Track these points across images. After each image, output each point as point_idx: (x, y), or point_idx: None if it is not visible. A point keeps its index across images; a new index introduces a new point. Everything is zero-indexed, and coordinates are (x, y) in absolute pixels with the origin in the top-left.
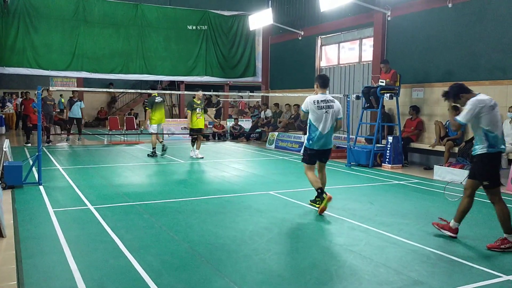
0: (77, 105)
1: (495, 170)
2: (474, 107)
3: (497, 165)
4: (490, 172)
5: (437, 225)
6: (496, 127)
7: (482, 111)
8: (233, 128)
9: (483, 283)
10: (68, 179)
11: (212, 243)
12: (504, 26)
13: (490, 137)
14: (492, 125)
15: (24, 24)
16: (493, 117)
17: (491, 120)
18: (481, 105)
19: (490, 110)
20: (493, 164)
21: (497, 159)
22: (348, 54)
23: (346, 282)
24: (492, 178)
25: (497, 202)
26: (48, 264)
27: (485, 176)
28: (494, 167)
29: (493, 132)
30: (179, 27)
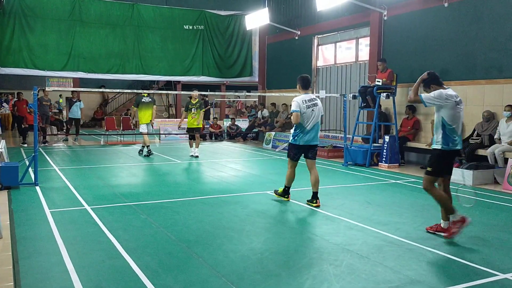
0: (77, 106)
1: (443, 164)
2: (440, 97)
3: (448, 161)
4: (437, 164)
5: (431, 229)
6: (456, 124)
7: (445, 104)
8: (230, 128)
9: (480, 281)
10: (65, 179)
11: (209, 243)
12: (500, 25)
13: (448, 131)
14: (452, 120)
15: (19, 24)
16: (456, 113)
17: (453, 115)
18: (446, 98)
19: (454, 106)
20: (443, 159)
21: (449, 156)
22: (345, 54)
23: (344, 281)
24: (436, 168)
25: (431, 191)
26: (45, 265)
27: (432, 164)
28: (443, 162)
29: (451, 126)
30: (176, 27)
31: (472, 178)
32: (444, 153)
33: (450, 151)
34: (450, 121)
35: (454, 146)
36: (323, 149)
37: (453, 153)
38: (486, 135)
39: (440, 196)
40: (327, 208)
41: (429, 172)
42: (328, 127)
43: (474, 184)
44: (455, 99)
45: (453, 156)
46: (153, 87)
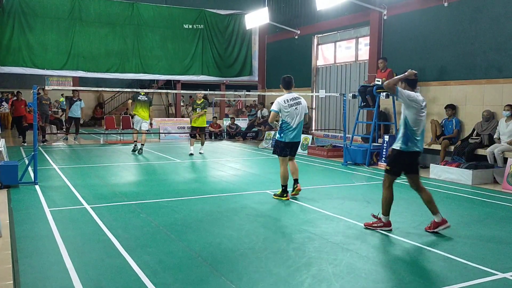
0: (77, 105)
1: (401, 164)
2: (413, 99)
3: (406, 161)
4: (394, 164)
5: (370, 225)
6: (418, 127)
7: (413, 107)
8: (230, 127)
9: (478, 281)
10: (64, 178)
11: (208, 242)
12: (500, 25)
13: (409, 132)
14: (415, 123)
15: (19, 23)
16: (419, 117)
17: (415, 119)
18: (416, 102)
19: (419, 110)
20: (401, 160)
21: (408, 157)
22: (344, 53)
23: (343, 280)
24: (395, 167)
25: (386, 188)
26: (44, 264)
27: (390, 163)
28: (401, 162)
29: (413, 128)
30: (175, 26)
31: (472, 177)
32: (402, 154)
33: (408, 152)
34: (412, 123)
35: (413, 147)
36: (323, 148)
37: (411, 154)
38: (486, 134)
39: (388, 197)
40: (327, 207)
41: (387, 170)
42: (328, 126)
43: (473, 183)
44: (422, 103)
45: (412, 157)
46: (153, 86)
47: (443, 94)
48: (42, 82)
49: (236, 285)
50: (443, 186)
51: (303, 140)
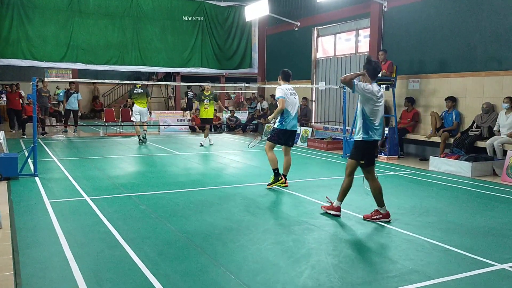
0: (74, 97)
1: (370, 153)
2: (369, 91)
3: (372, 150)
4: (365, 155)
5: (324, 207)
6: (375, 117)
7: (369, 98)
8: (229, 120)
9: (477, 271)
10: (64, 170)
11: (208, 233)
12: (500, 17)
13: (368, 121)
14: (371, 113)
15: (18, 15)
16: (375, 108)
17: (372, 109)
18: (372, 93)
19: (375, 101)
20: (367, 149)
21: (371, 146)
22: (344, 45)
23: (342, 271)
24: (367, 159)
25: (371, 179)
26: (45, 255)
27: (361, 157)
28: (368, 151)
29: (371, 118)
30: (175, 18)
31: (471, 169)
32: (364, 143)
33: (369, 141)
34: (370, 114)
35: (374, 136)
36: (322, 141)
37: (372, 142)
38: (486, 127)
39: (347, 186)
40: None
41: (362, 164)
42: (328, 119)
43: (472, 175)
44: (377, 94)
45: (373, 146)
46: (153, 78)
47: (443, 87)
48: (41, 74)
49: (236, 276)
50: (442, 178)
51: (303, 133)
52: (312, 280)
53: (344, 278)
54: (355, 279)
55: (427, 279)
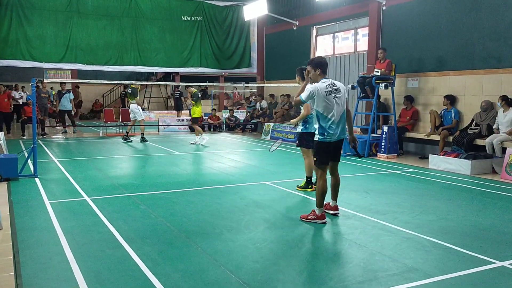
0: (66, 97)
1: (324, 154)
2: (312, 94)
3: (328, 150)
4: (318, 155)
5: (305, 218)
6: (329, 113)
7: (316, 97)
8: (229, 119)
9: (477, 269)
10: (64, 171)
11: (208, 233)
12: (499, 14)
13: (321, 121)
14: (324, 110)
15: (17, 16)
16: (327, 103)
17: (324, 106)
18: (317, 93)
19: (325, 95)
20: (322, 150)
21: (328, 146)
22: (343, 44)
23: (342, 269)
24: (319, 158)
25: (319, 178)
26: (45, 255)
27: (314, 155)
28: (322, 152)
29: (324, 114)
30: (174, 18)
31: (470, 167)
32: (321, 144)
33: (325, 143)
34: (324, 111)
35: (330, 138)
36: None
37: (329, 144)
38: (485, 125)
39: (322, 188)
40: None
41: (315, 162)
42: None
43: (472, 173)
44: (326, 89)
45: (327, 146)
46: (152, 78)
47: (442, 85)
48: (40, 75)
49: (236, 275)
50: (442, 176)
51: None
52: (313, 279)
53: (345, 277)
54: (355, 277)
55: (427, 277)
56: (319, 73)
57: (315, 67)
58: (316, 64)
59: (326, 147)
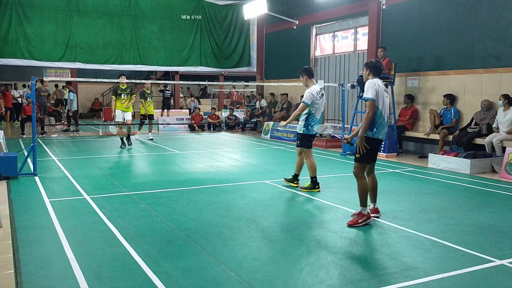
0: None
1: (309, 141)
2: (309, 98)
3: (312, 141)
4: (305, 140)
5: (355, 223)
6: (317, 110)
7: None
8: (228, 118)
9: (476, 267)
10: (64, 169)
11: (208, 231)
12: (499, 14)
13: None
14: (313, 107)
15: (16, 14)
16: (318, 105)
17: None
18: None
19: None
20: (309, 140)
21: (312, 138)
22: (343, 43)
23: (341, 268)
24: (307, 142)
25: (360, 177)
26: (45, 253)
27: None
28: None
29: (314, 113)
30: (173, 17)
31: (470, 166)
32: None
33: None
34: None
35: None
36: (321, 138)
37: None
38: (484, 124)
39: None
40: (325, 196)
41: (358, 159)
42: (327, 117)
43: (471, 172)
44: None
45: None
46: (151, 77)
47: (442, 84)
48: (40, 73)
49: (236, 273)
50: (441, 175)
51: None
52: (312, 276)
53: (344, 275)
54: (354, 275)
55: (426, 275)
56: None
57: (307, 75)
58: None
59: (375, 144)
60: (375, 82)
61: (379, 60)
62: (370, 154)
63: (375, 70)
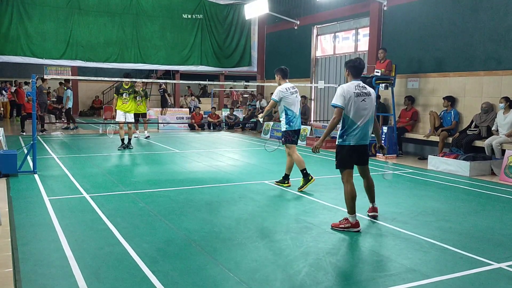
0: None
1: (295, 137)
2: (280, 95)
3: (296, 136)
4: (289, 137)
5: (337, 226)
6: (293, 106)
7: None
8: (228, 118)
9: (475, 270)
10: (63, 167)
11: (207, 231)
12: (500, 16)
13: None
14: (289, 104)
15: (17, 11)
16: (289, 100)
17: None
18: (284, 95)
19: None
20: (293, 136)
21: (296, 134)
22: (344, 44)
23: (340, 269)
24: (292, 139)
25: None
26: (44, 251)
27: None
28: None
29: (292, 110)
30: (174, 16)
31: (469, 169)
32: (288, 132)
33: (294, 130)
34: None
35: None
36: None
37: (295, 131)
38: (484, 126)
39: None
40: (324, 197)
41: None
42: (327, 117)
43: (471, 175)
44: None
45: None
46: (152, 76)
47: (442, 86)
48: (40, 71)
49: (234, 274)
50: (441, 178)
51: (301, 131)
52: (310, 278)
53: (342, 277)
54: (352, 277)
55: (425, 278)
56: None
57: (281, 75)
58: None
59: (348, 150)
60: (344, 89)
61: (360, 60)
62: (347, 160)
63: (354, 70)
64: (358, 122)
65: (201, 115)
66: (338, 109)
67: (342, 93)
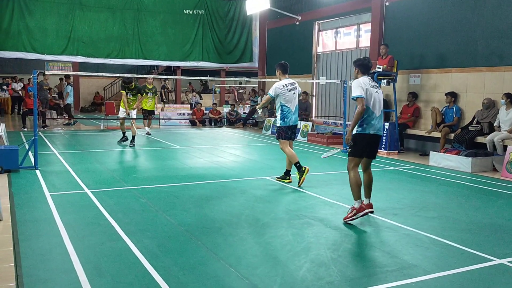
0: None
1: (290, 133)
2: (276, 92)
3: (289, 132)
4: (284, 133)
5: (349, 218)
6: (290, 103)
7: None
8: (230, 114)
9: (476, 266)
10: (65, 163)
11: (208, 227)
12: (502, 12)
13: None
14: (286, 101)
15: (18, 7)
16: (287, 96)
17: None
18: (281, 91)
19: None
20: (286, 132)
21: (289, 130)
22: (345, 40)
23: (341, 265)
24: (286, 135)
25: (350, 171)
26: (45, 247)
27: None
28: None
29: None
30: (176, 11)
31: (471, 165)
32: (281, 128)
33: (287, 126)
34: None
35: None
36: (323, 135)
37: (290, 127)
38: (486, 122)
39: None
40: (326, 193)
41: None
42: (328, 113)
43: (472, 171)
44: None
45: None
46: (153, 72)
47: (444, 82)
48: (41, 67)
49: (235, 269)
50: (442, 174)
51: (303, 127)
52: (311, 273)
53: (343, 272)
54: (354, 273)
55: (426, 273)
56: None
57: (281, 70)
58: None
59: (367, 139)
60: (360, 81)
61: (369, 58)
62: (363, 149)
63: (363, 68)
64: (375, 112)
65: (202, 111)
66: (360, 99)
67: (359, 85)
